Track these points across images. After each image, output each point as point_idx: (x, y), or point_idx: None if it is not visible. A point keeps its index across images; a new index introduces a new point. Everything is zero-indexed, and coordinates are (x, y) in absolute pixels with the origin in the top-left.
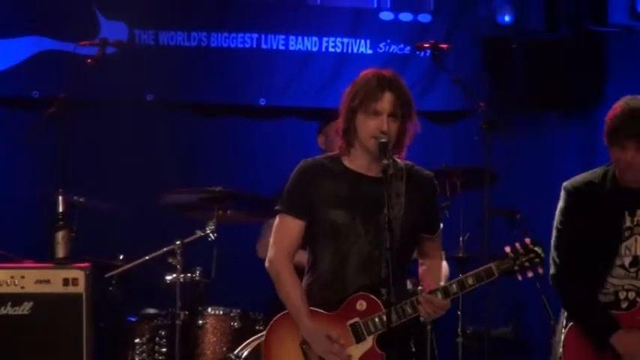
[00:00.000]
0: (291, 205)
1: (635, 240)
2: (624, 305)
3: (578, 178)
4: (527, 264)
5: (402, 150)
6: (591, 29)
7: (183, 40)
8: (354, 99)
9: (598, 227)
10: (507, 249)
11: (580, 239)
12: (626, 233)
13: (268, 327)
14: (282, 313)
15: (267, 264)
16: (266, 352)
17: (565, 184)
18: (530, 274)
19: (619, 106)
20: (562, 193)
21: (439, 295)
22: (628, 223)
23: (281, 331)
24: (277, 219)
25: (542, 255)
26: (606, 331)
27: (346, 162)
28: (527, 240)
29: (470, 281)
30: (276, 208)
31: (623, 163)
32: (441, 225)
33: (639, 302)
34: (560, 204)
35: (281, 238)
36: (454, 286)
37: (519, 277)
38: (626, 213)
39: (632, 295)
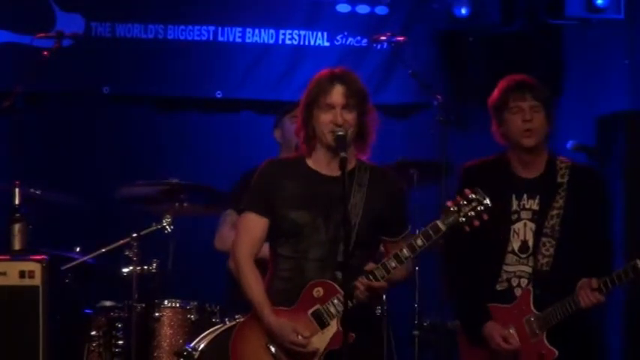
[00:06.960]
0: (254, 203)
1: (524, 224)
2: (518, 293)
3: (474, 161)
4: (471, 213)
5: (367, 148)
6: (548, 22)
7: (139, 33)
8: (308, 97)
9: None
10: (449, 203)
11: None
12: (514, 217)
13: (235, 329)
14: (247, 316)
15: (229, 261)
16: (233, 355)
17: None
18: (476, 223)
19: None
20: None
21: (392, 263)
22: (515, 207)
23: (247, 333)
24: (241, 216)
25: (485, 201)
26: (478, 321)
27: (309, 162)
28: (467, 190)
29: (419, 242)
30: (240, 206)
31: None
32: (408, 229)
33: (518, 296)
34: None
35: (244, 234)
36: (404, 250)
37: (467, 229)
38: (514, 196)
39: (524, 282)
